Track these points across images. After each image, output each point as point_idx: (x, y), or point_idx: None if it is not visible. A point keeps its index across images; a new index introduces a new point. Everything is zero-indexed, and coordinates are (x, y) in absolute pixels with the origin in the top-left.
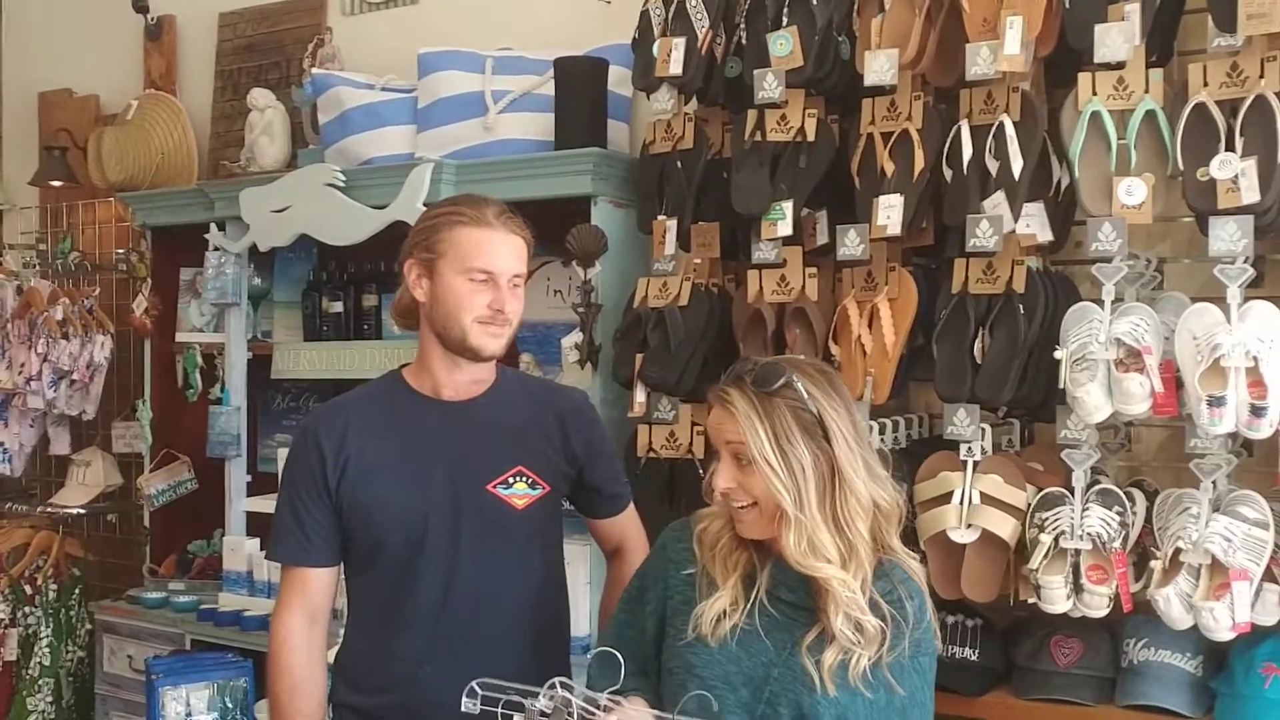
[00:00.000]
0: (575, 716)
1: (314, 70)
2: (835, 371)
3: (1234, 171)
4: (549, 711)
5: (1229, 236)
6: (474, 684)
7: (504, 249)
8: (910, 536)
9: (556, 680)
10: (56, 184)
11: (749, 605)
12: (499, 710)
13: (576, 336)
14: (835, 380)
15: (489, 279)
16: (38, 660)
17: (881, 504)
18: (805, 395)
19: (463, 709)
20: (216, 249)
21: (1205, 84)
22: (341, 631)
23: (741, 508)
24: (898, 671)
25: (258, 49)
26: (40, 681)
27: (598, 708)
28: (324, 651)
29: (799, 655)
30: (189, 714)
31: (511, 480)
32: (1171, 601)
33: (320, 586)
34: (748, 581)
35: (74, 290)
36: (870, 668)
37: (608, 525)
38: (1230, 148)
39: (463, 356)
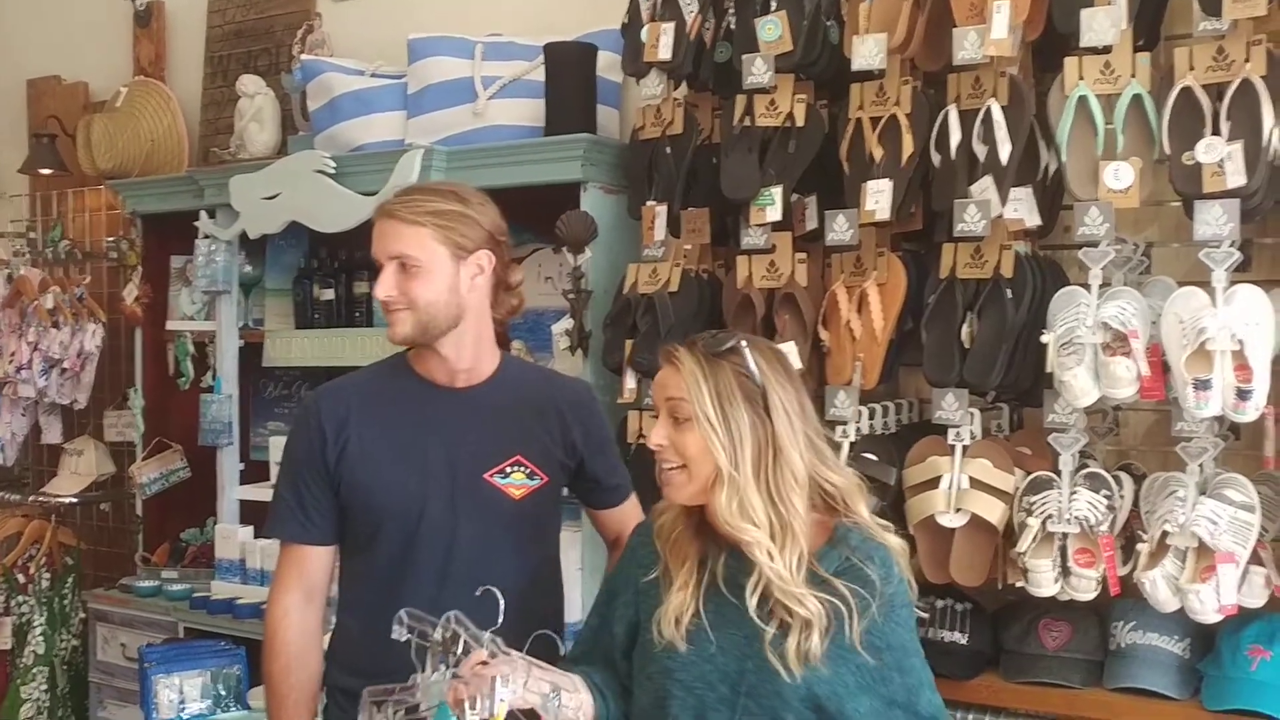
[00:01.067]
0: (461, 647)
1: (303, 56)
2: (785, 354)
3: (1220, 155)
4: (442, 641)
5: (1215, 220)
6: (402, 612)
7: (378, 233)
8: (899, 520)
9: (451, 614)
10: (46, 172)
11: (703, 594)
12: (413, 638)
13: (567, 323)
14: (785, 361)
15: (379, 266)
16: (31, 649)
17: (826, 481)
18: (751, 364)
19: (392, 635)
20: (207, 236)
21: (1191, 68)
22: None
23: (671, 469)
24: (876, 635)
25: (247, 35)
26: (35, 670)
27: (479, 644)
28: (320, 631)
29: (764, 650)
30: (182, 702)
31: (509, 470)
32: (1158, 584)
33: (318, 565)
34: (701, 570)
35: (64, 278)
36: (835, 643)
37: (608, 516)
38: (1216, 132)
39: None
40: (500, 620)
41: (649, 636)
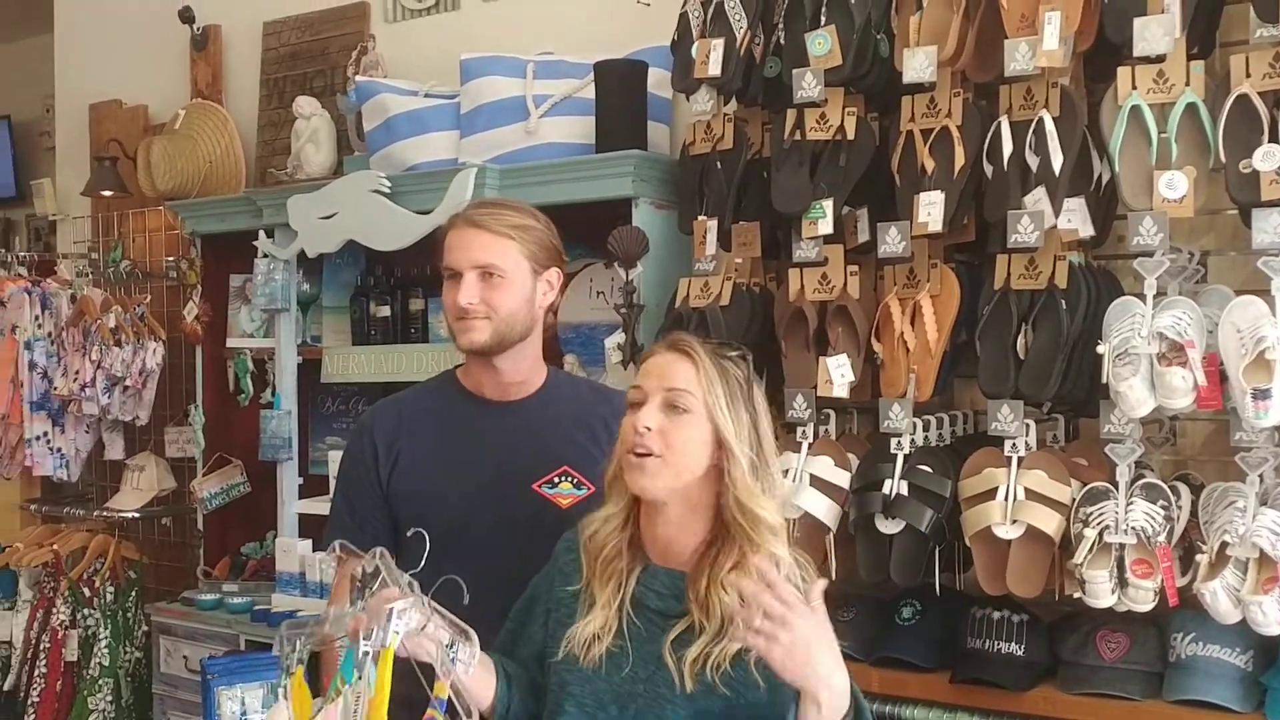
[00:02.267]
0: (377, 585)
1: (358, 78)
2: None
3: (1277, 163)
4: (370, 571)
5: (1273, 229)
6: (335, 543)
7: (461, 243)
8: (955, 532)
9: (377, 549)
10: (108, 194)
11: (620, 627)
12: (299, 641)
13: (619, 337)
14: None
15: (453, 275)
16: (97, 660)
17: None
18: (747, 371)
19: (321, 564)
20: (265, 256)
21: (1248, 75)
22: None
23: (646, 455)
24: (763, 666)
25: (302, 57)
26: (100, 681)
27: (400, 586)
28: None
29: (662, 652)
30: (244, 713)
31: (557, 480)
32: (1219, 595)
33: None
34: (622, 590)
35: (126, 298)
36: (731, 664)
37: None
38: (1274, 139)
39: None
40: (422, 565)
41: (553, 644)
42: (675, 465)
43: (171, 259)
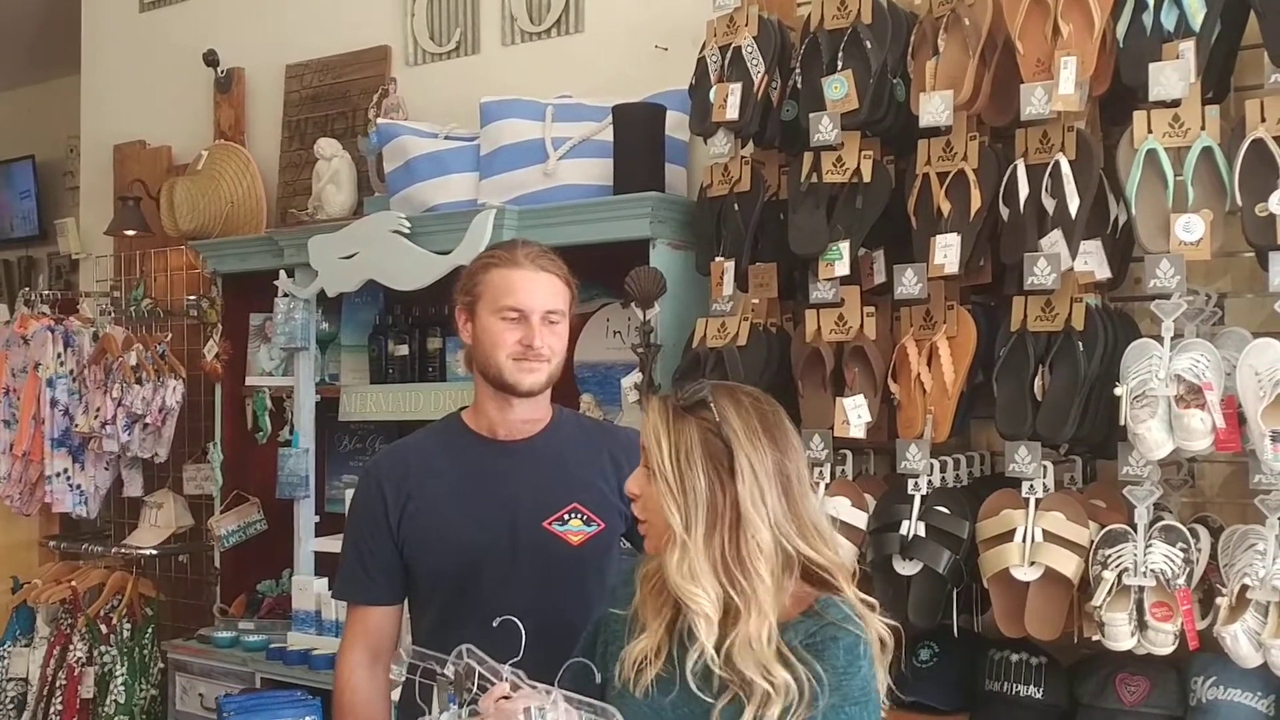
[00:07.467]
0: (476, 682)
1: (379, 120)
2: (779, 412)
3: None
4: (454, 677)
5: None
6: (401, 650)
7: (532, 286)
8: (973, 573)
9: (463, 647)
10: (130, 233)
11: (670, 651)
12: (417, 678)
13: (636, 377)
14: (772, 420)
15: (519, 316)
16: (113, 698)
17: (806, 558)
18: (718, 421)
19: (391, 676)
20: (285, 295)
21: (1263, 119)
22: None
23: (641, 521)
24: None
25: (324, 99)
26: (116, 718)
27: (500, 679)
28: (387, 689)
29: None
30: None
31: (567, 517)
32: (1239, 639)
33: (382, 624)
34: (674, 626)
35: (147, 336)
36: None
37: None
38: None
39: (504, 393)
40: (521, 652)
41: (609, 675)
42: (655, 529)
43: (192, 298)
